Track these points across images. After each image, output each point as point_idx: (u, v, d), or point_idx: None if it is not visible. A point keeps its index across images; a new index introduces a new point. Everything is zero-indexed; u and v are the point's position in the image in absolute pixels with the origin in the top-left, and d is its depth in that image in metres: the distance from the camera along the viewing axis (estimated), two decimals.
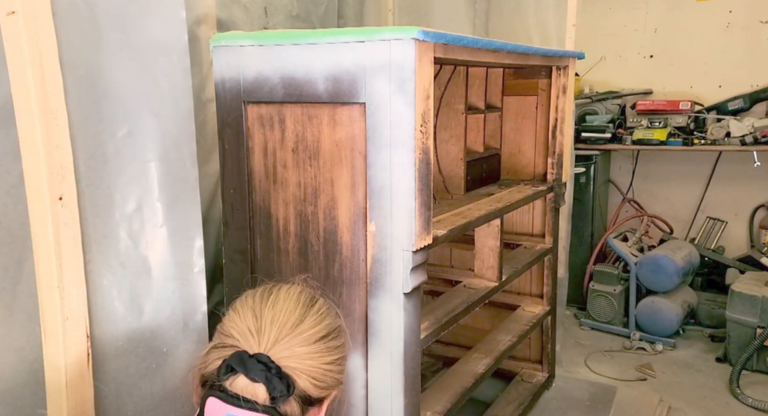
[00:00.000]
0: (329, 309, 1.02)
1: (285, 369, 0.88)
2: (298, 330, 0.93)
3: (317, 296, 1.04)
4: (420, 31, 1.28)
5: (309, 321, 0.95)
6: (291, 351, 0.90)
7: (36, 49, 1.11)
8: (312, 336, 0.93)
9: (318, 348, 0.93)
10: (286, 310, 0.95)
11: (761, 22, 3.41)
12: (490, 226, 1.96)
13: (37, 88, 1.11)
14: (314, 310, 0.98)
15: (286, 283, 1.04)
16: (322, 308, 1.00)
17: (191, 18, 1.50)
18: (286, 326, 0.92)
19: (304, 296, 1.00)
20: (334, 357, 0.96)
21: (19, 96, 1.12)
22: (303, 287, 1.04)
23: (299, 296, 0.99)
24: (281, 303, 0.97)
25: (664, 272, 3.09)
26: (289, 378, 0.88)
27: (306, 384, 0.90)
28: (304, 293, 1.01)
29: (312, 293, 1.03)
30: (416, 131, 1.33)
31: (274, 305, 0.96)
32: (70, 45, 1.19)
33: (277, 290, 1.01)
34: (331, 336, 0.97)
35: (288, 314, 0.95)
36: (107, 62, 1.27)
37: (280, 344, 0.90)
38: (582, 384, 2.64)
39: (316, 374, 0.92)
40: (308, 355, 0.91)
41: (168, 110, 1.38)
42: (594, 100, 3.65)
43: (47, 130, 1.13)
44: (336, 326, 1.00)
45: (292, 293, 1.00)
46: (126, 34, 1.29)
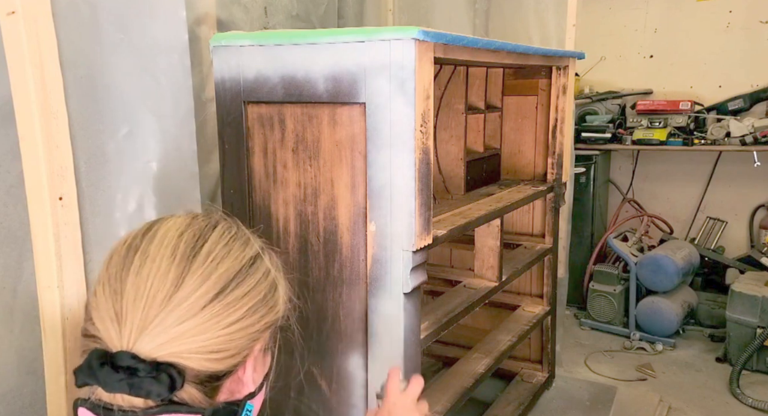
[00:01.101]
0: (229, 243, 0.74)
1: (163, 359, 0.65)
2: (173, 303, 0.67)
3: (211, 226, 0.75)
4: (420, 31, 1.28)
5: (191, 282, 0.68)
6: (166, 334, 0.66)
7: (36, 49, 1.11)
8: (196, 303, 0.67)
9: (209, 313, 0.68)
10: (156, 274, 0.68)
11: (761, 22, 3.41)
12: (490, 226, 1.95)
13: (37, 88, 1.11)
14: (200, 259, 0.70)
15: (169, 218, 0.76)
16: (215, 249, 0.72)
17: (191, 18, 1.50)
18: (154, 301, 0.67)
19: (186, 240, 0.72)
20: (241, 312, 0.70)
21: (19, 96, 1.12)
22: (189, 221, 0.75)
23: (178, 244, 0.71)
24: (149, 265, 0.69)
25: (664, 272, 3.09)
26: (173, 369, 0.65)
27: (203, 364, 0.67)
28: (189, 233, 0.73)
29: (201, 226, 0.75)
30: (416, 131, 1.33)
31: (139, 270, 0.69)
32: (71, 45, 1.19)
33: (150, 237, 0.73)
34: (232, 285, 0.71)
35: (158, 280, 0.68)
36: (107, 62, 1.27)
37: (147, 332, 0.66)
38: (582, 384, 2.64)
39: (215, 346, 0.68)
40: (195, 329, 0.67)
41: (168, 110, 1.39)
42: (594, 100, 3.65)
43: (47, 130, 1.13)
44: (240, 265, 0.73)
45: (168, 242, 0.71)
46: (126, 33, 1.29)
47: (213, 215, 0.79)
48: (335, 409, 1.56)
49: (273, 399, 1.74)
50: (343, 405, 1.55)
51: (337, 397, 1.55)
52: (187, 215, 0.77)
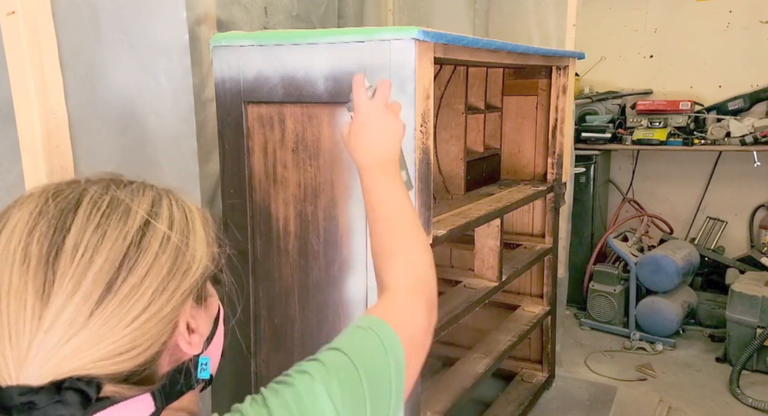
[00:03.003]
0: (101, 222, 0.57)
1: (63, 376, 0.53)
2: (46, 322, 0.53)
3: (71, 207, 0.58)
4: (420, 31, 1.28)
5: (63, 289, 0.54)
6: (55, 356, 0.53)
7: (36, 49, 1.11)
8: (78, 313, 0.54)
9: (101, 319, 0.54)
10: (9, 291, 0.54)
11: (761, 22, 3.41)
12: (490, 226, 1.95)
13: (37, 88, 1.11)
14: (65, 258, 0.55)
15: (15, 209, 0.59)
16: (83, 237, 0.56)
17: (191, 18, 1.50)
18: (19, 328, 0.53)
19: (39, 238, 0.56)
20: (145, 300, 0.56)
21: (19, 96, 1.12)
22: (40, 207, 0.58)
23: (29, 245, 0.55)
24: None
25: (664, 272, 3.09)
26: (80, 382, 0.53)
27: (115, 369, 0.55)
28: (42, 227, 0.56)
29: (58, 211, 0.57)
30: (416, 131, 1.33)
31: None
32: (71, 45, 1.19)
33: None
34: (122, 275, 0.56)
35: (14, 299, 0.53)
36: (107, 62, 1.27)
37: (29, 362, 0.53)
38: (582, 384, 2.64)
39: (123, 347, 0.55)
40: (90, 341, 0.54)
41: (168, 110, 1.39)
42: (594, 100, 3.65)
43: (47, 129, 1.13)
44: (125, 244, 0.57)
45: (15, 245, 0.55)
46: (126, 34, 1.29)
47: (74, 187, 0.61)
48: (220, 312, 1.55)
49: None
50: None
51: None
52: (39, 197, 0.59)
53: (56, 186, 0.61)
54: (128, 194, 0.62)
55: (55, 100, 1.15)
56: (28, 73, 1.10)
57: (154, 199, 0.63)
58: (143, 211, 0.60)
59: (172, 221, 0.62)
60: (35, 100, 1.11)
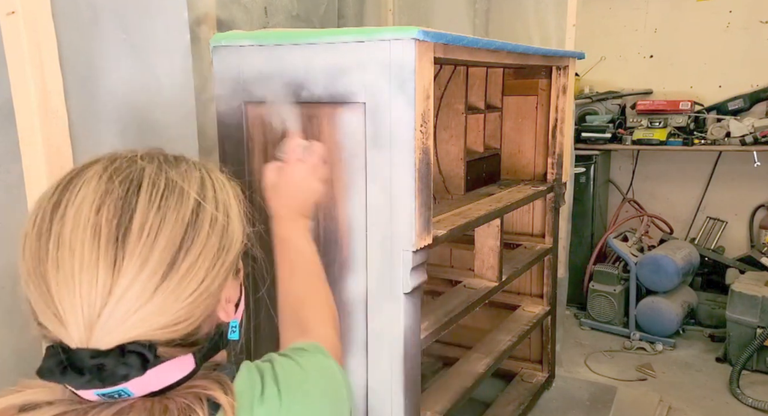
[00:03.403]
0: (162, 204, 0.62)
1: (127, 341, 0.59)
2: (115, 295, 0.58)
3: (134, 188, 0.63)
4: (420, 31, 1.28)
5: (132, 265, 0.59)
6: (122, 324, 0.59)
7: (36, 49, 1.11)
8: (145, 288, 0.59)
9: (163, 294, 0.60)
10: (82, 267, 0.58)
11: (761, 22, 3.41)
12: (490, 226, 1.95)
13: (37, 88, 1.11)
14: (132, 238, 0.60)
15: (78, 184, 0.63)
16: (147, 218, 0.61)
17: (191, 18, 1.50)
18: (91, 299, 0.58)
19: (107, 217, 0.60)
20: (199, 277, 0.63)
21: (19, 96, 1.12)
22: (104, 186, 0.62)
23: (98, 224, 0.60)
24: (69, 257, 0.59)
25: (664, 272, 3.09)
26: (141, 346, 0.59)
27: (171, 335, 0.62)
28: (108, 207, 0.61)
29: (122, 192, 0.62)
30: (416, 131, 1.33)
31: (59, 263, 0.59)
32: (71, 45, 1.19)
33: (60, 217, 0.61)
34: (181, 254, 0.62)
35: (87, 274, 0.58)
36: (108, 62, 1.27)
37: (99, 327, 0.58)
38: (582, 384, 2.64)
39: (180, 318, 0.61)
40: (154, 312, 0.60)
41: (169, 110, 1.39)
42: (594, 100, 3.66)
43: (47, 130, 1.13)
44: (183, 226, 0.62)
45: (84, 223, 0.60)
46: (128, 34, 1.29)
47: (133, 166, 0.65)
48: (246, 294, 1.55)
49: None
50: None
51: None
52: (100, 175, 0.64)
53: (114, 161, 0.67)
54: (180, 175, 0.67)
55: (55, 101, 1.15)
56: (28, 73, 1.10)
57: (202, 180, 0.69)
58: (194, 193, 0.66)
59: (217, 202, 0.68)
60: (35, 100, 1.11)
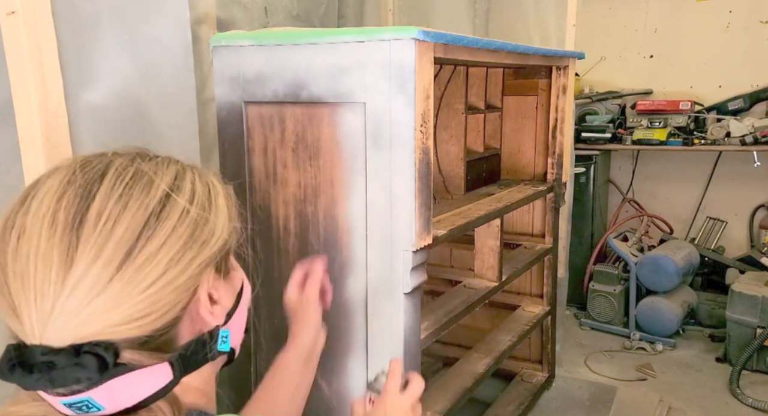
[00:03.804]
0: (124, 192, 0.60)
1: (82, 340, 0.56)
2: (69, 285, 0.56)
3: (97, 177, 0.61)
4: (420, 31, 1.28)
5: (84, 256, 0.57)
6: (76, 318, 0.56)
7: (36, 49, 1.11)
8: (99, 277, 0.57)
9: (119, 284, 0.57)
10: (37, 255, 0.57)
11: (761, 22, 3.41)
12: (490, 226, 1.96)
13: (37, 88, 1.11)
14: (89, 225, 0.58)
15: (47, 177, 0.63)
16: (106, 206, 0.59)
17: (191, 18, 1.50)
18: (45, 289, 0.56)
19: (66, 205, 0.59)
20: (160, 268, 0.59)
21: (19, 96, 1.12)
22: (70, 176, 0.61)
23: (57, 212, 0.58)
24: (26, 244, 0.57)
25: (664, 272, 3.09)
26: (98, 347, 0.56)
27: (132, 333, 0.58)
28: (70, 194, 0.59)
29: (85, 181, 0.61)
30: (416, 131, 1.33)
31: (17, 252, 0.58)
32: (71, 45, 1.19)
33: (26, 207, 0.61)
34: (140, 243, 0.59)
35: (41, 262, 0.56)
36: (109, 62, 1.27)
37: (51, 322, 0.56)
38: (582, 384, 2.64)
39: (140, 312, 0.58)
40: (108, 305, 0.57)
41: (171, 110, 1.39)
42: (594, 100, 3.65)
43: (47, 130, 1.13)
44: (145, 215, 0.60)
45: (45, 211, 0.59)
46: (129, 34, 1.29)
47: (101, 158, 0.64)
48: (335, 409, 1.56)
49: None
50: (343, 405, 1.55)
51: (337, 397, 1.55)
52: (69, 167, 0.62)
53: (85, 158, 0.65)
54: (152, 167, 0.65)
55: (55, 101, 1.15)
56: (28, 73, 1.10)
57: (178, 173, 0.66)
58: (165, 184, 0.63)
59: (192, 195, 0.65)
60: (35, 100, 1.11)
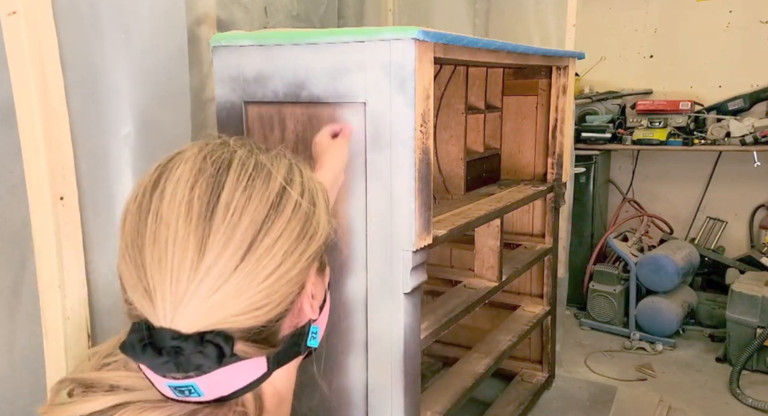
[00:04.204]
0: (248, 185, 0.63)
1: (206, 329, 0.59)
2: (200, 272, 0.59)
3: (225, 167, 0.64)
4: (420, 31, 1.28)
5: (214, 246, 0.60)
6: (203, 305, 0.59)
7: (37, 50, 1.11)
8: (226, 267, 0.59)
9: (242, 274, 0.60)
10: (175, 241, 0.60)
11: (761, 22, 3.41)
12: (490, 226, 1.96)
13: (38, 88, 1.11)
14: (219, 216, 0.61)
15: (177, 163, 0.65)
16: (234, 198, 0.62)
17: (191, 18, 1.50)
18: (181, 274, 0.59)
19: (199, 195, 0.61)
20: (276, 261, 0.62)
21: (21, 96, 1.12)
22: (199, 165, 0.64)
23: (192, 201, 0.61)
24: (164, 230, 0.60)
25: (664, 272, 3.09)
26: (219, 337, 0.59)
27: (249, 323, 0.61)
28: (201, 184, 0.62)
29: (213, 170, 0.63)
30: (416, 131, 1.33)
31: (156, 236, 0.60)
32: (72, 45, 1.19)
33: (159, 193, 0.63)
34: (260, 236, 0.62)
35: (179, 248, 0.59)
36: (108, 62, 1.27)
37: (183, 306, 0.59)
38: (582, 384, 2.64)
39: (257, 303, 0.61)
40: (232, 294, 0.60)
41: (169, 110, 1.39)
42: (594, 100, 3.66)
43: (48, 130, 1.14)
44: (266, 207, 0.63)
45: (180, 199, 0.61)
46: (127, 34, 1.29)
47: (225, 148, 0.67)
48: (335, 409, 1.56)
49: None
50: (343, 405, 1.55)
51: (337, 397, 1.56)
52: (196, 156, 0.65)
53: (208, 145, 0.67)
54: (269, 159, 0.67)
55: (56, 101, 1.15)
56: (29, 74, 1.10)
57: (290, 166, 0.69)
58: (281, 177, 0.66)
59: (303, 189, 0.67)
60: (36, 100, 1.11)
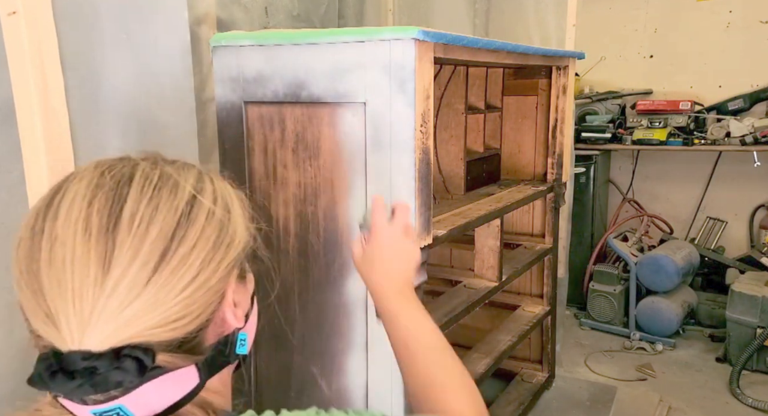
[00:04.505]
0: (154, 195, 0.60)
1: (121, 344, 0.56)
2: (107, 289, 0.55)
3: (125, 180, 0.61)
4: (420, 31, 1.28)
5: (122, 257, 0.56)
6: (114, 322, 0.55)
7: (37, 50, 1.11)
8: (137, 279, 0.56)
9: (155, 286, 0.57)
10: (73, 260, 0.56)
11: (761, 22, 3.41)
12: (490, 226, 1.96)
13: (38, 88, 1.11)
14: (123, 228, 0.57)
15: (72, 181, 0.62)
16: (138, 209, 0.59)
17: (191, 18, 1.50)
18: (84, 293, 0.55)
19: (99, 209, 0.58)
20: (193, 270, 0.59)
21: (21, 96, 1.12)
22: (96, 180, 0.61)
23: (90, 216, 0.58)
24: (60, 250, 0.57)
25: (664, 272, 3.09)
26: (137, 350, 0.56)
27: (168, 335, 0.58)
28: (100, 199, 0.59)
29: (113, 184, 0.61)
30: (416, 131, 1.33)
31: (51, 258, 0.57)
32: (72, 45, 1.19)
33: (53, 213, 0.60)
34: (173, 245, 0.59)
35: (78, 267, 0.56)
36: (109, 62, 1.27)
37: (91, 326, 0.55)
38: (582, 384, 2.64)
39: (176, 314, 0.58)
40: (146, 307, 0.56)
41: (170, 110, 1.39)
42: (594, 100, 3.66)
43: (48, 130, 1.14)
44: (176, 217, 0.60)
45: (76, 216, 0.58)
46: (128, 34, 1.29)
47: (125, 162, 0.64)
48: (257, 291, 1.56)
49: (272, 399, 1.74)
50: (343, 405, 1.55)
51: (337, 397, 1.56)
52: (93, 171, 0.62)
53: (109, 162, 0.65)
54: (175, 169, 0.65)
55: (56, 101, 1.15)
56: (29, 74, 1.10)
57: (198, 175, 0.67)
58: (190, 186, 0.63)
59: (215, 197, 0.65)
60: (36, 100, 1.11)
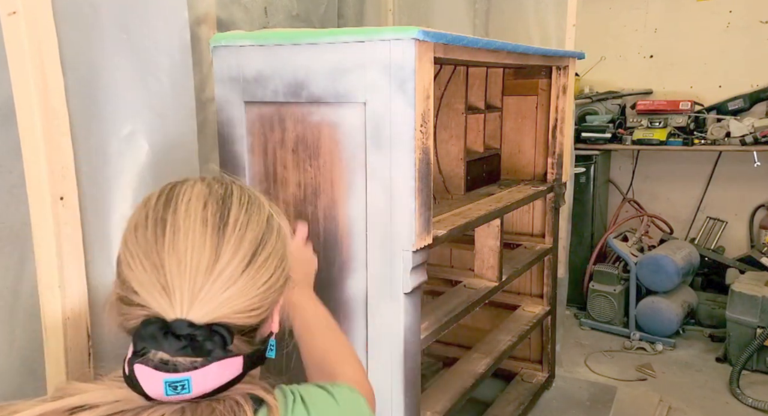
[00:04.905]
0: (248, 207, 0.80)
1: (214, 321, 0.72)
2: (215, 273, 0.73)
3: (228, 193, 0.80)
4: (420, 31, 1.28)
5: (228, 250, 0.74)
6: (214, 301, 0.72)
7: (37, 50, 1.11)
8: (236, 270, 0.74)
9: (246, 278, 0.74)
10: (194, 246, 0.73)
11: (761, 22, 3.41)
12: (490, 226, 1.96)
13: (38, 88, 1.11)
14: (230, 228, 0.76)
15: (184, 187, 0.80)
16: (240, 216, 0.78)
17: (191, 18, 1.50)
18: (198, 273, 0.72)
19: (212, 211, 0.76)
20: (270, 272, 0.77)
21: (21, 96, 1.12)
22: (206, 189, 0.79)
23: (205, 215, 0.76)
24: (183, 238, 0.74)
25: (664, 272, 3.09)
26: (224, 329, 0.72)
27: (245, 321, 0.75)
28: (211, 203, 0.77)
29: (220, 194, 0.79)
30: (416, 131, 1.33)
31: (174, 243, 0.73)
32: (72, 45, 1.19)
33: (174, 209, 0.76)
34: (260, 249, 0.77)
35: (197, 252, 0.73)
36: (109, 62, 1.27)
37: (198, 300, 0.71)
38: (582, 384, 2.64)
39: (253, 305, 0.75)
40: (237, 294, 0.73)
41: (170, 110, 1.39)
42: (594, 100, 3.66)
43: (48, 130, 1.14)
44: (262, 228, 0.79)
45: (194, 213, 0.76)
46: (128, 34, 1.29)
47: (223, 181, 0.83)
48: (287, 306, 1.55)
49: None
50: None
51: None
52: (201, 183, 0.81)
53: (211, 177, 0.84)
54: (256, 192, 0.84)
55: (56, 101, 1.15)
56: (29, 74, 1.10)
57: (268, 198, 0.86)
58: (268, 206, 0.83)
59: (280, 218, 0.84)
60: (36, 100, 1.11)
